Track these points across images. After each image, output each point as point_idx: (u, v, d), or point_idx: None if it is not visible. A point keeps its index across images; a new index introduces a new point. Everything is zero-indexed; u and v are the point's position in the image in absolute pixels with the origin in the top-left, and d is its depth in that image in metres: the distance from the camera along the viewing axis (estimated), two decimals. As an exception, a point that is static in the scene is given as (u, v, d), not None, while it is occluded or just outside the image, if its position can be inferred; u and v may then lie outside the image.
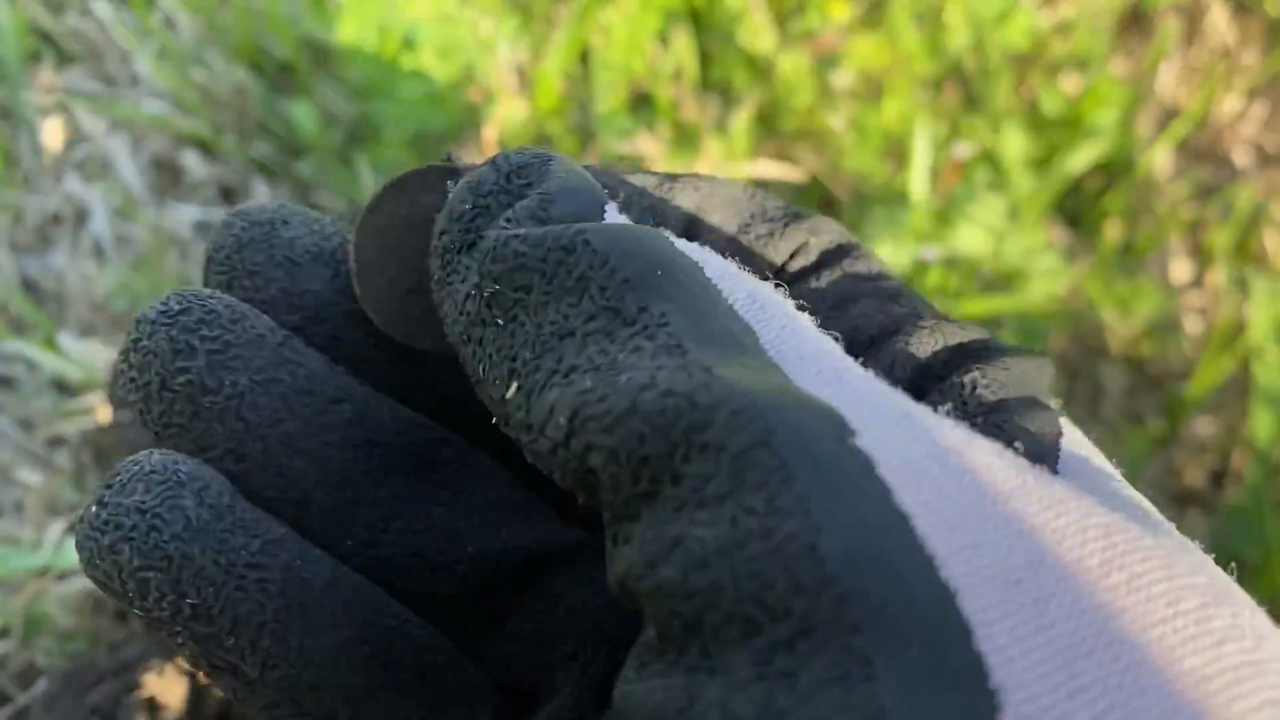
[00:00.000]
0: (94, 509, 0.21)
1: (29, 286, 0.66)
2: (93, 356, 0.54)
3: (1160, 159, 0.75)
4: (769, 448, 0.15)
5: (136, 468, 0.21)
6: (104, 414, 0.53)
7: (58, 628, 0.49)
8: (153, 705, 0.40)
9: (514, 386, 0.18)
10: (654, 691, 0.15)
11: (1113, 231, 0.70)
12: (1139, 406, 0.66)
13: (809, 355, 0.18)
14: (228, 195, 0.72)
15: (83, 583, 0.46)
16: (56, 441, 0.59)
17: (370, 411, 0.23)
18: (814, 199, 0.70)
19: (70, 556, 0.47)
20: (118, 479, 0.21)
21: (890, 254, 0.60)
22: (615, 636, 0.24)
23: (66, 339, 0.56)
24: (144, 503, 0.20)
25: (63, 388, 0.60)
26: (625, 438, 0.16)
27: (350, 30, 0.62)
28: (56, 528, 0.53)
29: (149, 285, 0.64)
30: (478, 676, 0.24)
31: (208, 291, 0.22)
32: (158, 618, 0.20)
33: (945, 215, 0.61)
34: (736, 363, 0.17)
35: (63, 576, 0.51)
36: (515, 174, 0.21)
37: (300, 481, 0.22)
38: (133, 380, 0.22)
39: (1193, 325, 0.69)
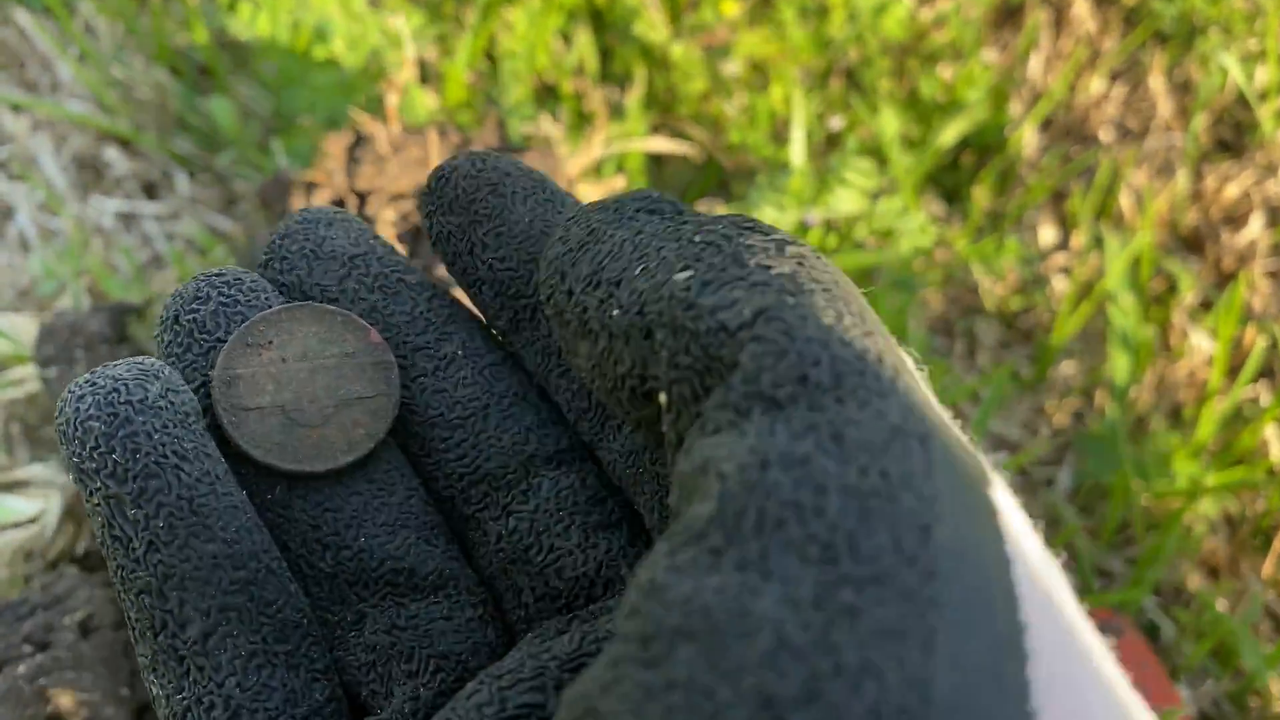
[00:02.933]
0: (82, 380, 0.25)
1: (-45, 278, 0.68)
2: (18, 330, 0.57)
3: (1028, 136, 0.81)
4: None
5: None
6: (31, 385, 0.55)
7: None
8: (85, 628, 0.43)
9: None
10: (704, 590, 0.16)
11: (983, 200, 0.75)
12: (1012, 356, 0.72)
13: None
14: (149, 189, 0.74)
15: (12, 535, 0.49)
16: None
17: None
18: (706, 172, 0.75)
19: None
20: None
21: (775, 219, 0.65)
22: (458, 665, 0.27)
23: (-7, 317, 0.59)
24: (121, 375, 0.24)
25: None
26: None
27: (265, 26, 0.66)
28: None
29: (73, 271, 0.66)
30: (326, 657, 0.26)
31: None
32: (87, 468, 0.24)
33: (824, 182, 0.66)
34: None
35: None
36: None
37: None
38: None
39: (1059, 284, 0.75)
